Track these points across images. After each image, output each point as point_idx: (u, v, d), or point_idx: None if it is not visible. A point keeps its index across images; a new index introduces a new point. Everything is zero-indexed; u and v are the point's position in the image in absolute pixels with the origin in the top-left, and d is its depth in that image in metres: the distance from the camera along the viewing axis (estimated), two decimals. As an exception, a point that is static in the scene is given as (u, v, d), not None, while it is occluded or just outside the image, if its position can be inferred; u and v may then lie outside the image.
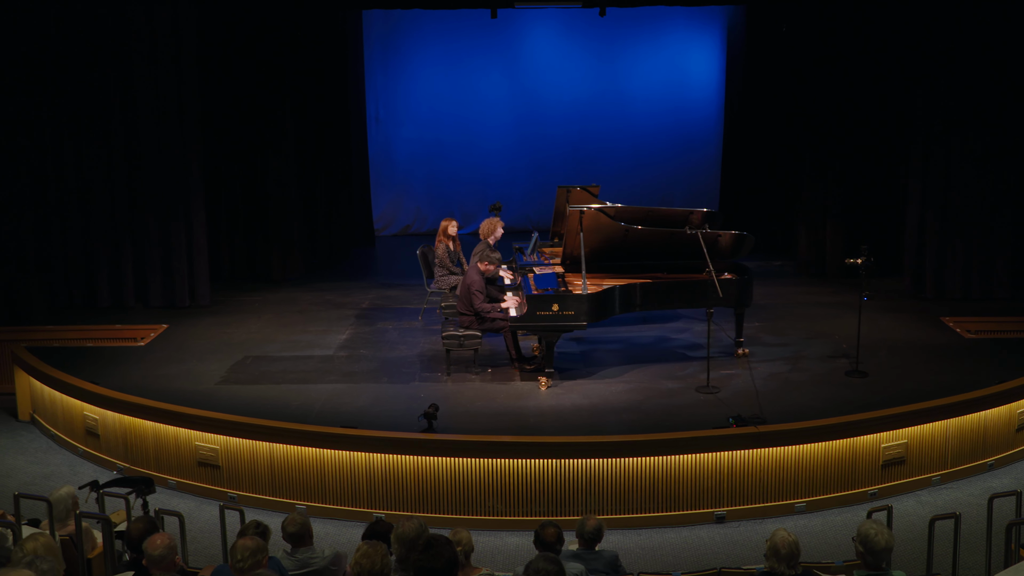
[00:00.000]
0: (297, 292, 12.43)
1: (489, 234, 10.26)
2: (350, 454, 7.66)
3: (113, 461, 8.57)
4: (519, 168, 15.60)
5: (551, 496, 7.53)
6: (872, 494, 7.87)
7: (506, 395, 8.82)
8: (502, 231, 10.37)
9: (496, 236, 10.29)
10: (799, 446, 7.68)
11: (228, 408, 8.30)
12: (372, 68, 15.23)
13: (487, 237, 10.25)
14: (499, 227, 10.31)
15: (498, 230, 10.29)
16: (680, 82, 15.44)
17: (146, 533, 5.22)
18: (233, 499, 7.91)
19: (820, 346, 9.99)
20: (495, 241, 10.30)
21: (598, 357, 9.86)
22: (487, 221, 10.40)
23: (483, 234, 10.29)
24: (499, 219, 10.49)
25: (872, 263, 9.16)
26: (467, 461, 7.51)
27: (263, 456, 7.88)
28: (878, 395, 8.52)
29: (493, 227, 10.28)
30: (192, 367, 9.57)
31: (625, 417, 8.25)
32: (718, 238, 9.51)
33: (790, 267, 13.43)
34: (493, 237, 10.28)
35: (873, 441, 7.85)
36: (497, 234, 10.29)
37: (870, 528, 4.78)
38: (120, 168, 11.46)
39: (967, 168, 11.48)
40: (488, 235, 10.26)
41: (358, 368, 9.54)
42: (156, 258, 11.64)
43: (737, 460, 7.60)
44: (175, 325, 11.00)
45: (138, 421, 8.35)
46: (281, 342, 10.35)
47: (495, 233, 10.28)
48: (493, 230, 10.28)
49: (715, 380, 8.88)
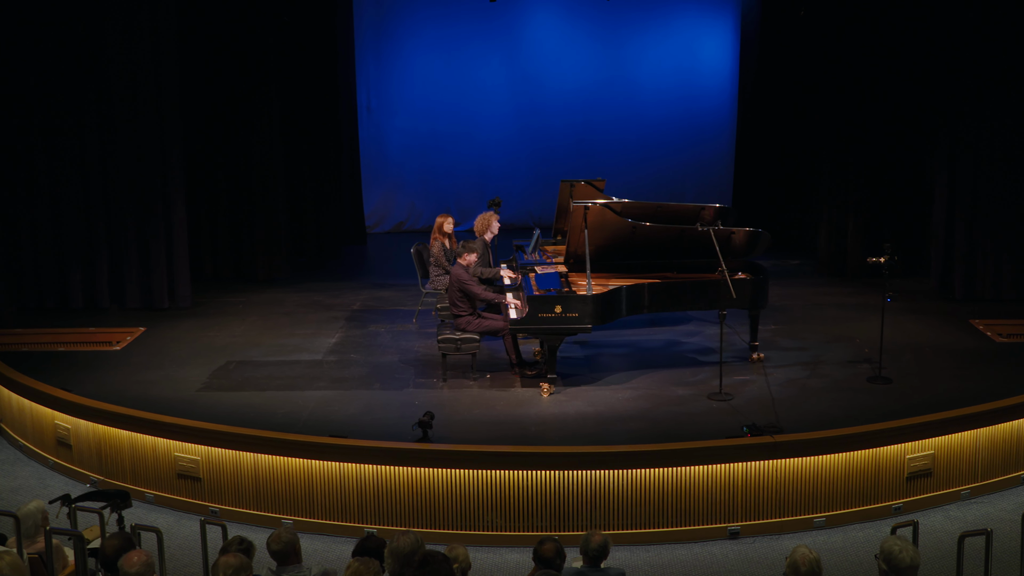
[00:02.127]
0: (284, 293, 12.42)
1: (484, 230, 10.28)
2: (340, 465, 7.65)
3: (86, 473, 8.55)
4: (520, 161, 15.60)
5: (553, 510, 7.52)
6: (896, 508, 7.86)
7: (506, 402, 8.81)
8: (498, 225, 10.38)
9: (492, 231, 10.31)
10: (818, 457, 7.66)
11: (210, 417, 8.30)
12: (363, 54, 15.23)
13: (483, 234, 10.25)
14: (494, 221, 10.35)
15: (493, 224, 10.33)
16: (691, 69, 15.44)
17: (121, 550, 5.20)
18: (215, 513, 7.90)
19: (840, 350, 9.99)
20: (492, 237, 10.30)
21: (604, 362, 9.85)
22: (481, 216, 10.45)
23: (478, 230, 10.31)
24: (495, 213, 10.51)
25: (896, 262, 9.16)
26: (464, 473, 7.50)
27: (247, 467, 7.87)
28: (902, 403, 8.51)
29: (488, 222, 10.31)
30: (171, 373, 9.56)
31: (632, 426, 8.24)
32: (731, 235, 9.51)
33: (808, 266, 13.43)
34: (490, 233, 10.29)
35: (897, 452, 7.83)
36: (493, 229, 10.31)
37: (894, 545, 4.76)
38: (94, 161, 11.45)
39: (997, 161, 11.49)
40: (483, 231, 10.28)
41: (348, 374, 9.53)
42: (133, 257, 11.63)
43: (752, 472, 7.59)
44: (153, 328, 10.99)
45: (113, 430, 8.33)
46: (266, 346, 10.34)
47: (491, 228, 10.30)
48: (488, 225, 10.30)
49: (728, 387, 8.87)
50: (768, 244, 9.68)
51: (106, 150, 11.46)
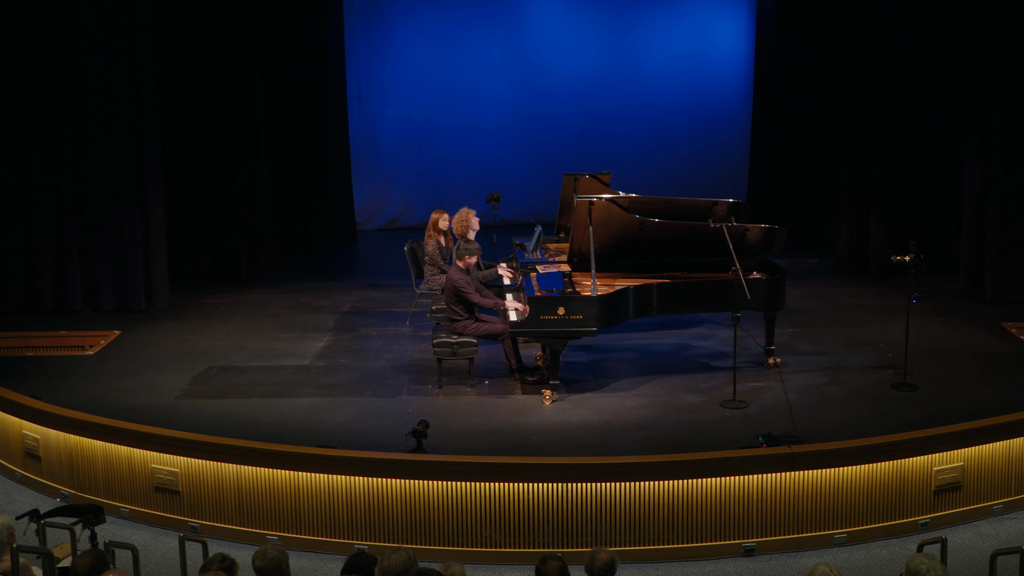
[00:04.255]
0: (269, 294, 12.43)
1: (465, 230, 10.28)
2: (329, 477, 7.66)
3: (56, 487, 8.55)
4: (520, 153, 15.60)
5: (556, 525, 7.52)
6: (923, 524, 7.86)
7: (505, 410, 8.82)
8: (477, 221, 10.37)
9: (474, 229, 10.30)
10: (839, 469, 7.66)
11: (189, 426, 8.30)
12: (353, 39, 15.22)
13: (463, 235, 10.23)
14: (472, 217, 10.36)
15: (472, 221, 10.32)
16: (703, 53, 15.44)
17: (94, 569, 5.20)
18: (195, 529, 7.91)
19: (862, 355, 9.99)
20: (474, 235, 10.30)
21: (610, 367, 9.86)
22: (458, 214, 10.45)
23: (458, 231, 10.32)
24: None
25: (922, 261, 9.15)
26: (461, 485, 7.51)
27: (229, 480, 7.87)
28: (929, 411, 8.51)
29: (468, 221, 10.33)
30: (148, 379, 9.56)
31: (640, 435, 8.25)
32: (746, 232, 9.52)
33: (828, 265, 13.44)
34: (472, 232, 10.28)
35: (924, 464, 7.83)
36: (473, 225, 10.31)
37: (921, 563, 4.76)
38: (66, 153, 11.44)
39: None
40: (464, 231, 10.28)
41: (338, 380, 9.54)
42: (107, 255, 11.62)
43: (768, 484, 7.59)
44: (129, 331, 11.00)
45: (86, 441, 8.32)
46: (250, 350, 10.35)
47: (471, 226, 10.29)
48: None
49: (742, 393, 8.87)
50: (785, 241, 9.69)
51: (79, 141, 11.44)
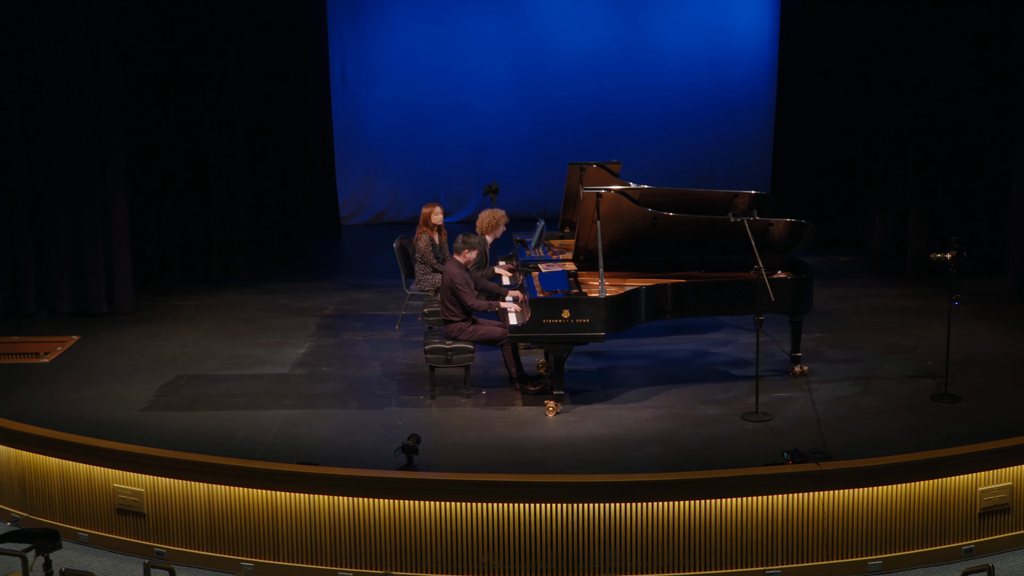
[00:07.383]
0: (243, 295, 12.45)
1: (490, 229, 10.14)
2: (310, 497, 7.65)
3: (6, 510, 8.54)
4: (521, 139, 15.63)
5: (561, 549, 7.51)
6: (967, 550, 7.85)
7: (505, 423, 8.82)
8: (503, 230, 10.22)
9: (497, 233, 10.18)
10: (872, 488, 7.66)
11: (156, 441, 8.28)
12: (337, 15, 15.25)
13: (486, 233, 10.13)
14: (503, 223, 10.16)
15: (501, 226, 10.15)
16: (723, 30, 15.48)
17: (49, 598, 5.19)
18: (161, 555, 7.90)
19: (898, 363, 9.99)
20: (493, 240, 10.20)
21: (619, 376, 9.86)
22: (488, 212, 10.23)
23: (481, 228, 10.16)
24: (502, 211, 10.28)
25: (965, 259, 9.14)
26: (455, 506, 7.51)
27: (200, 501, 7.86)
28: (973, 425, 8.50)
29: (497, 222, 10.11)
30: (110, 389, 9.56)
31: (653, 451, 8.25)
32: (770, 227, 9.52)
33: (860, 263, 13.48)
34: (493, 235, 10.17)
35: (968, 483, 7.82)
36: (499, 230, 10.18)
37: (964, 592, 4.75)
38: (16, 140, 11.42)
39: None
40: (488, 230, 10.14)
41: (320, 390, 9.54)
42: (64, 253, 11.63)
43: (794, 505, 7.59)
44: (88, 337, 11.00)
45: (40, 458, 8.32)
46: (223, 358, 10.36)
47: (497, 230, 10.14)
48: (496, 224, 10.12)
49: (766, 405, 8.88)
50: (812, 237, 9.69)
51: (30, 125, 11.41)
